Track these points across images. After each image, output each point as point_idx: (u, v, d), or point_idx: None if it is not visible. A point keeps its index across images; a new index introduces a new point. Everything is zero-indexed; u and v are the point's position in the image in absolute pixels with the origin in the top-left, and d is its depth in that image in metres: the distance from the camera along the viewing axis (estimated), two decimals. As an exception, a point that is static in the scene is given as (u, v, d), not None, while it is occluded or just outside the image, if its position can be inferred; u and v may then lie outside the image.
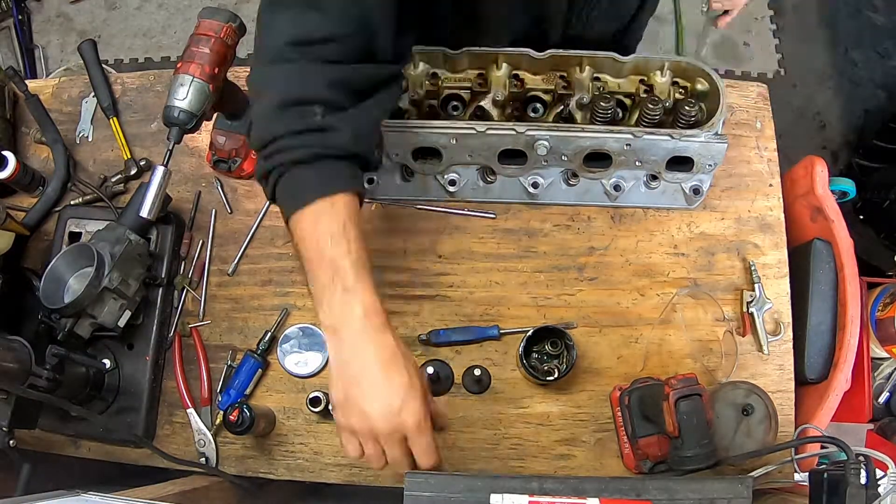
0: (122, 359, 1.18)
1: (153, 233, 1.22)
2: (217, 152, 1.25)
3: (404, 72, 1.20)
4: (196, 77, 1.03)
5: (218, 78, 1.06)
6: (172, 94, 1.03)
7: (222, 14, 1.07)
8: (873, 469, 0.85)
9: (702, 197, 1.22)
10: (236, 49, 1.10)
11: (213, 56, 1.04)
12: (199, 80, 1.03)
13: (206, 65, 1.04)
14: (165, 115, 1.04)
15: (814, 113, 2.61)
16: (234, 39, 1.08)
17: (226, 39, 1.06)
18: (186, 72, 1.03)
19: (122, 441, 1.17)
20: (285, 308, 1.23)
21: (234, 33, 1.07)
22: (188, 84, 1.03)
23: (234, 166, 1.26)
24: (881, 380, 1.47)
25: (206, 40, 1.05)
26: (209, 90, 1.04)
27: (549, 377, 1.13)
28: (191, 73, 1.03)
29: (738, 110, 1.29)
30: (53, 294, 1.09)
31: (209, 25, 1.05)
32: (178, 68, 1.04)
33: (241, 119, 1.25)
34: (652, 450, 1.05)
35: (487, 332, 1.19)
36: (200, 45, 1.04)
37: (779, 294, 1.20)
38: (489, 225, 1.26)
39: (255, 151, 0.90)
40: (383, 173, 1.24)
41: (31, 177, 1.28)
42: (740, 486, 0.77)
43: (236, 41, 1.09)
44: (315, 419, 1.18)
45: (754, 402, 1.03)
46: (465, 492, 0.76)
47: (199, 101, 1.03)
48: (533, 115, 1.23)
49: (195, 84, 1.03)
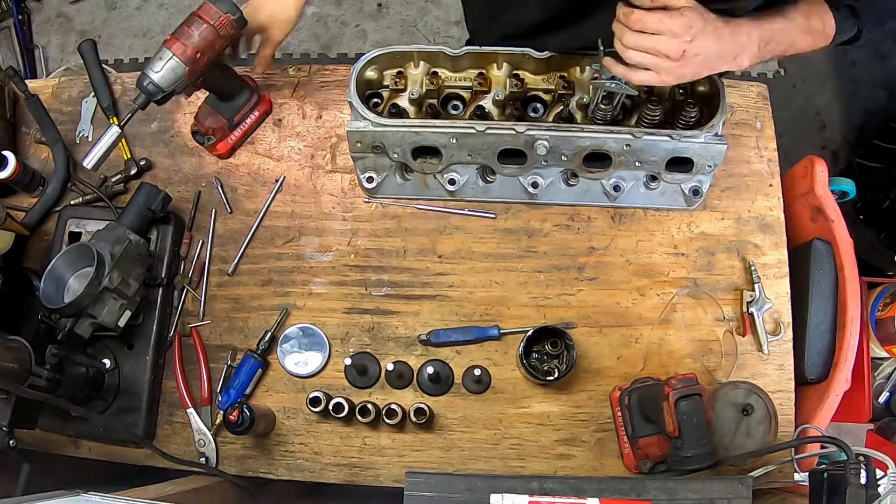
0: (122, 359, 1.18)
1: (153, 233, 1.23)
2: (198, 126, 1.26)
3: (405, 71, 1.20)
4: (176, 55, 1.04)
5: (198, 62, 1.06)
6: (150, 63, 1.05)
7: (225, 3, 1.07)
8: (873, 469, 0.86)
9: (701, 198, 1.22)
10: (232, 40, 1.10)
11: (199, 41, 1.05)
12: (177, 59, 1.04)
13: (189, 47, 1.04)
14: (138, 81, 1.05)
15: (814, 113, 2.61)
16: (228, 31, 1.08)
17: (219, 29, 1.06)
18: (170, 48, 1.04)
19: (122, 441, 1.17)
20: (285, 308, 1.23)
21: (230, 25, 1.07)
22: (166, 60, 1.04)
23: (209, 143, 1.28)
24: (881, 380, 1.47)
25: (199, 24, 1.05)
26: (184, 72, 1.05)
27: (549, 377, 1.13)
28: (172, 51, 1.04)
29: (737, 110, 1.29)
30: (53, 294, 1.09)
31: (208, 10, 1.06)
32: (165, 40, 1.05)
33: (234, 101, 1.26)
34: (652, 450, 1.05)
35: (487, 332, 1.19)
36: (193, 27, 1.05)
37: (779, 294, 1.20)
38: (489, 225, 1.26)
39: None
40: (383, 173, 1.24)
41: (31, 177, 1.28)
42: (740, 486, 0.77)
43: (230, 33, 1.09)
44: (315, 419, 1.18)
45: (754, 402, 1.03)
46: (465, 492, 0.76)
47: (170, 79, 1.05)
48: (533, 115, 1.23)
49: (172, 62, 1.04)
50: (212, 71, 1.13)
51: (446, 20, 2.71)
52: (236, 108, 1.27)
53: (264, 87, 1.34)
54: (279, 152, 1.32)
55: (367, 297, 1.23)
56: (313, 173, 1.31)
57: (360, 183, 1.26)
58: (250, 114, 1.30)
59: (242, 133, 1.31)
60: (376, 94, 1.23)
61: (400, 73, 1.20)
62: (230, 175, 1.32)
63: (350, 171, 1.29)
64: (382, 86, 1.22)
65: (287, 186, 1.30)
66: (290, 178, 1.30)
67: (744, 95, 1.31)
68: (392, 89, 1.20)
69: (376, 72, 1.21)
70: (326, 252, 1.26)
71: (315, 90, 1.36)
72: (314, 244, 1.26)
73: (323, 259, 1.26)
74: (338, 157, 1.31)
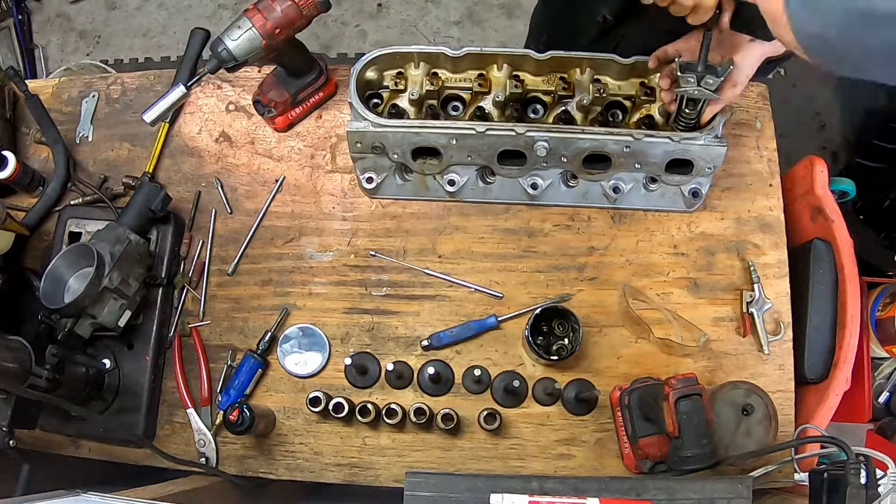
0: (122, 359, 1.18)
1: (153, 233, 1.23)
2: (261, 96, 1.26)
3: (405, 71, 1.20)
4: (255, 27, 1.04)
5: (276, 38, 1.06)
6: (229, 29, 1.04)
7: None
8: (873, 469, 0.86)
9: (700, 200, 1.22)
10: (311, 20, 1.10)
11: (281, 17, 1.04)
12: (255, 31, 1.04)
13: (269, 21, 1.04)
14: (212, 45, 1.04)
15: (814, 113, 2.61)
16: (310, 11, 1.07)
17: (303, 8, 1.06)
18: (251, 18, 1.04)
19: (122, 441, 1.17)
20: (285, 308, 1.23)
21: (314, 7, 1.07)
22: (245, 29, 1.04)
23: (268, 115, 1.27)
24: (881, 380, 1.47)
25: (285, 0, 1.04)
26: (261, 45, 1.05)
27: (554, 357, 1.13)
28: (252, 22, 1.04)
29: (738, 110, 1.29)
30: (53, 294, 1.09)
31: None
32: (248, 9, 1.04)
33: (301, 79, 1.25)
34: (652, 450, 1.05)
35: (486, 323, 1.19)
36: (277, 1, 1.04)
37: (779, 294, 1.20)
38: (489, 225, 1.26)
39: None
40: (383, 174, 1.24)
41: (31, 177, 1.28)
42: (740, 486, 0.77)
43: (313, 14, 1.08)
44: (315, 419, 1.18)
45: (754, 402, 1.03)
46: (465, 492, 0.76)
47: (246, 49, 1.04)
48: (533, 116, 1.23)
49: (250, 33, 1.04)
50: (286, 47, 1.12)
51: (446, 20, 2.71)
52: (302, 86, 1.26)
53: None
54: (279, 152, 1.32)
55: (367, 297, 1.24)
56: (313, 173, 1.31)
57: (359, 183, 1.26)
58: (315, 94, 1.30)
59: (303, 110, 1.31)
60: (376, 94, 1.23)
61: (400, 73, 1.20)
62: (230, 175, 1.32)
63: (350, 171, 1.29)
64: (382, 86, 1.22)
65: (287, 186, 1.30)
66: (290, 178, 1.30)
67: (744, 95, 1.31)
68: (392, 90, 1.20)
69: (376, 72, 1.21)
70: (326, 252, 1.26)
71: (315, 90, 1.36)
72: (314, 244, 1.27)
73: (323, 259, 1.26)
74: (338, 157, 1.31)
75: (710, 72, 1.02)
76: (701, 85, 1.02)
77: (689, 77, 1.02)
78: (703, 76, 1.01)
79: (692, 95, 1.05)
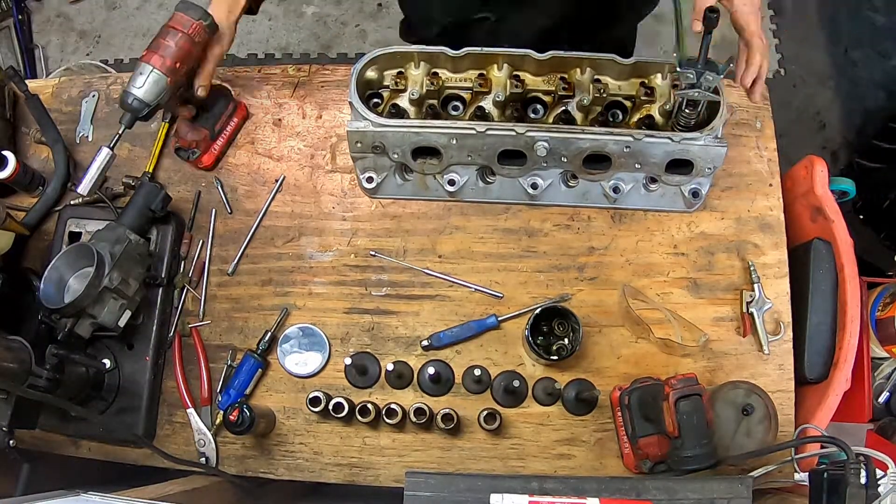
0: (122, 359, 1.18)
1: (153, 233, 1.22)
2: (179, 140, 1.26)
3: (405, 71, 1.20)
4: (156, 68, 1.05)
5: (178, 72, 1.07)
6: (131, 80, 1.06)
7: (195, 10, 1.08)
8: (873, 469, 0.86)
9: (701, 200, 1.22)
10: (207, 46, 1.11)
11: (177, 51, 1.05)
12: (158, 72, 1.05)
13: (168, 58, 1.05)
14: (121, 100, 1.06)
15: (814, 113, 2.61)
16: (202, 37, 1.09)
17: (194, 36, 1.07)
18: (148, 61, 1.05)
19: (122, 441, 1.17)
20: (285, 308, 1.23)
21: (203, 31, 1.08)
22: (147, 74, 1.05)
23: (193, 157, 1.28)
24: (881, 380, 1.47)
25: (174, 34, 1.06)
26: (167, 83, 1.06)
27: (554, 357, 1.13)
28: (152, 64, 1.05)
29: (738, 110, 1.29)
30: (53, 294, 1.09)
31: (180, 20, 1.06)
32: (142, 56, 1.06)
33: (211, 111, 1.26)
34: (652, 450, 1.05)
35: (486, 323, 1.19)
36: (168, 38, 1.06)
37: (779, 294, 1.20)
38: (489, 225, 1.26)
39: None
40: (383, 173, 1.24)
41: (31, 177, 1.28)
42: (740, 486, 0.77)
43: (205, 39, 1.10)
44: (315, 419, 1.18)
45: (754, 402, 1.03)
46: (465, 492, 0.76)
47: (154, 92, 1.05)
48: (533, 116, 1.23)
49: (154, 75, 1.05)
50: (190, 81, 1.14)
51: (446, 20, 2.71)
52: (215, 118, 1.27)
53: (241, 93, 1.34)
54: (279, 152, 1.32)
55: (367, 297, 1.24)
56: (313, 173, 1.31)
57: (359, 183, 1.26)
58: (229, 122, 1.30)
59: (224, 142, 1.31)
60: (376, 94, 1.23)
61: (400, 73, 1.20)
62: (230, 175, 1.32)
63: (350, 171, 1.29)
64: (383, 86, 1.22)
65: (287, 186, 1.30)
66: (290, 178, 1.30)
67: (744, 95, 1.30)
68: (392, 90, 1.20)
69: (376, 72, 1.21)
70: (326, 252, 1.26)
71: (315, 90, 1.36)
72: (314, 244, 1.27)
73: (323, 259, 1.26)
74: (338, 157, 1.31)
75: (711, 69, 1.02)
76: (701, 81, 1.02)
77: (689, 73, 1.02)
78: (702, 73, 1.02)
79: (692, 97, 1.05)
